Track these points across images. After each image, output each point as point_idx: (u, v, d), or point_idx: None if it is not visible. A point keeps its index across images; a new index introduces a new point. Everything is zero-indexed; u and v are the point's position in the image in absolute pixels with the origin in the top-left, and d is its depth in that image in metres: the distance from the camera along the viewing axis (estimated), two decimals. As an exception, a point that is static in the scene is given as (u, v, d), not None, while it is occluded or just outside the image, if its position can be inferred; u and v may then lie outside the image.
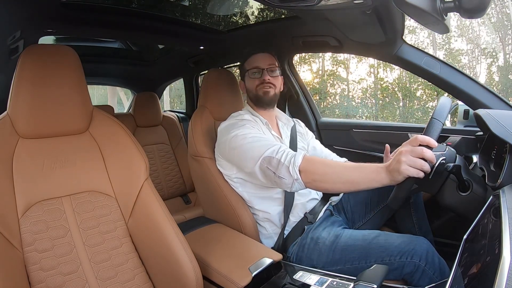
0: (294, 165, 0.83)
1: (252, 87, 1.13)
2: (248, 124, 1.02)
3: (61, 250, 0.73)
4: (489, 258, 0.47)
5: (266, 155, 0.89)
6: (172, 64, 2.23)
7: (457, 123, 1.36)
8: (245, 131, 0.97)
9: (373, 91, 7.66)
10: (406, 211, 1.12)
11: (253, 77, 1.12)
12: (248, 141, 0.94)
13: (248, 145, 0.93)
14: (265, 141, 0.93)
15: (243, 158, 0.95)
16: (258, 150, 0.91)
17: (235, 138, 0.97)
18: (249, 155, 0.92)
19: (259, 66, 1.11)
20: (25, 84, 0.73)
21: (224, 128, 1.05)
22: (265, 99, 1.12)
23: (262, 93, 1.11)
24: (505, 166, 0.71)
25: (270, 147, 0.90)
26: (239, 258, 0.88)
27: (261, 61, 1.12)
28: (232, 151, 0.98)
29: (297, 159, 0.84)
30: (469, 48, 6.96)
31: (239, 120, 1.06)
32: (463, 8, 0.57)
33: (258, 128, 1.04)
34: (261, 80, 1.11)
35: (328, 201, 1.19)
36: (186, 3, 1.42)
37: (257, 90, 1.12)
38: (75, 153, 0.80)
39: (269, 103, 1.13)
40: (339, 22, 1.09)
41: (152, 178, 0.92)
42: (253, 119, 1.09)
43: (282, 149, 0.88)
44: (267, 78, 1.11)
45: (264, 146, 0.91)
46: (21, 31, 1.16)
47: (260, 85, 1.11)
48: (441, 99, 0.87)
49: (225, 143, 1.01)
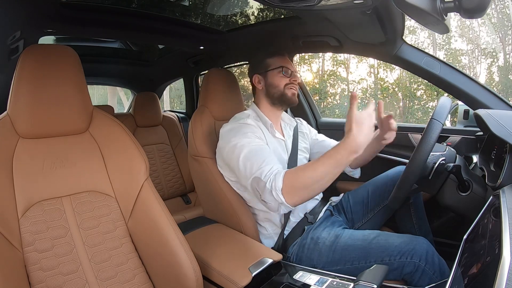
0: (276, 189, 0.81)
1: (279, 84, 1.10)
2: (250, 131, 0.99)
3: (61, 250, 0.73)
4: (489, 258, 0.47)
5: (256, 175, 0.87)
6: (172, 64, 2.23)
7: (457, 123, 1.37)
8: (244, 141, 0.95)
9: (373, 91, 7.66)
10: (406, 211, 1.13)
11: (283, 75, 1.11)
12: (245, 155, 0.92)
13: (244, 160, 0.92)
14: (260, 157, 0.90)
15: (239, 172, 0.94)
16: (251, 168, 0.89)
17: (234, 148, 0.95)
18: (244, 171, 0.91)
19: (289, 67, 1.12)
20: (25, 84, 0.73)
21: (225, 132, 1.03)
22: (292, 100, 1.11)
23: (291, 94, 1.10)
24: (505, 166, 0.71)
25: (262, 167, 0.87)
26: (239, 258, 0.88)
27: (289, 64, 1.13)
28: (231, 161, 0.97)
29: (278, 182, 0.81)
30: (469, 48, 6.96)
31: (242, 124, 1.03)
32: (463, 8, 0.57)
33: (258, 133, 1.02)
34: (291, 79, 1.10)
35: (328, 201, 1.19)
36: (186, 3, 1.42)
37: (285, 89, 1.10)
38: (75, 153, 0.80)
39: (293, 103, 1.13)
40: (339, 22, 1.09)
41: (152, 178, 0.92)
42: (255, 124, 1.06)
43: (271, 171, 0.85)
44: (298, 79, 1.12)
45: (257, 165, 0.88)
46: (21, 31, 1.16)
47: (290, 84, 1.10)
48: (441, 99, 0.87)
49: (225, 149, 1.00)
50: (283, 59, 1.13)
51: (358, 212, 1.17)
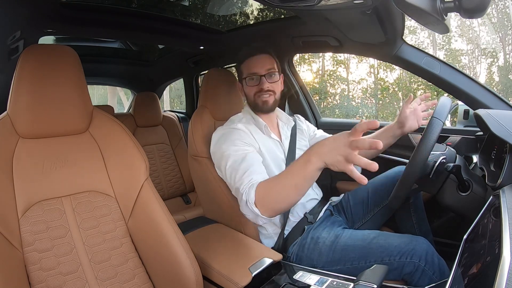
0: (249, 202, 0.80)
1: (250, 94, 1.09)
2: (238, 138, 0.99)
3: (61, 250, 0.73)
4: (489, 258, 0.47)
5: (236, 186, 0.88)
6: (172, 64, 2.23)
7: (457, 123, 1.36)
8: (230, 150, 0.95)
9: (373, 91, 7.66)
10: (406, 211, 1.13)
11: (251, 85, 1.07)
12: (230, 165, 0.93)
13: (230, 169, 0.93)
14: (243, 168, 0.90)
15: (226, 179, 0.98)
16: (235, 179, 0.90)
17: (222, 156, 0.97)
18: (229, 179, 0.94)
19: (257, 72, 1.05)
20: (25, 84, 0.73)
21: (216, 137, 1.04)
22: (264, 108, 1.08)
23: (261, 103, 1.07)
24: (505, 166, 0.71)
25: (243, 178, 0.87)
26: (239, 258, 0.88)
27: (259, 65, 1.06)
28: (220, 168, 1.00)
29: (251, 195, 0.80)
30: (469, 48, 6.96)
31: (232, 130, 1.02)
32: (463, 8, 0.57)
33: (247, 140, 1.01)
34: (259, 88, 1.06)
35: (328, 201, 1.19)
36: (186, 3, 1.42)
37: (256, 99, 1.08)
38: (75, 153, 0.80)
39: (267, 111, 1.10)
40: (339, 22, 1.09)
41: (152, 178, 0.92)
42: (246, 128, 1.05)
43: (250, 183, 0.84)
44: (266, 86, 1.05)
45: (239, 176, 0.88)
46: (21, 31, 1.16)
47: (259, 93, 1.06)
48: (441, 98, 0.87)
49: (216, 155, 1.02)
50: (253, 62, 1.06)
51: (358, 212, 1.16)
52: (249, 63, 1.07)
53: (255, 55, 1.07)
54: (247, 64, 1.08)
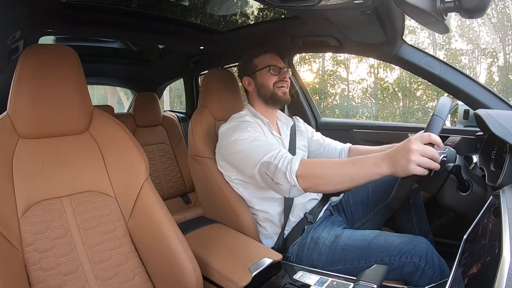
0: (291, 171, 0.81)
1: (268, 83, 1.10)
2: (250, 126, 1.00)
3: (61, 250, 0.73)
4: (489, 258, 0.47)
5: (264, 160, 0.87)
6: (172, 64, 2.23)
7: (457, 123, 1.36)
8: (245, 135, 0.95)
9: (373, 91, 7.66)
10: (406, 211, 1.13)
11: (273, 74, 1.09)
12: (248, 145, 0.93)
13: (248, 150, 0.92)
14: (265, 145, 0.92)
15: (243, 163, 0.94)
16: (257, 155, 0.89)
17: (235, 142, 0.95)
18: (249, 159, 0.91)
19: (277, 64, 1.10)
20: (25, 84, 0.73)
21: (225, 130, 1.03)
22: (282, 98, 1.10)
23: (282, 93, 1.10)
24: (505, 166, 0.71)
25: (270, 151, 0.88)
26: (239, 258, 0.88)
27: (276, 60, 1.11)
28: (232, 155, 0.97)
29: (294, 165, 0.82)
30: (469, 48, 6.96)
31: (240, 122, 1.03)
32: (463, 8, 0.57)
33: (259, 130, 1.03)
34: (280, 77, 1.09)
35: (328, 201, 1.19)
36: (186, 3, 1.42)
37: (275, 88, 1.09)
38: (75, 153, 0.80)
39: (284, 102, 1.12)
40: (339, 22, 1.09)
41: (152, 178, 0.92)
42: (254, 121, 1.07)
43: (281, 154, 0.86)
44: (287, 76, 1.10)
45: (263, 151, 0.89)
46: (21, 31, 1.16)
47: (279, 82, 1.09)
48: (441, 98, 0.87)
49: (226, 146, 1.00)
50: (270, 57, 1.12)
51: (358, 212, 1.17)
52: (265, 57, 1.12)
53: (270, 52, 1.13)
54: (264, 58, 1.12)
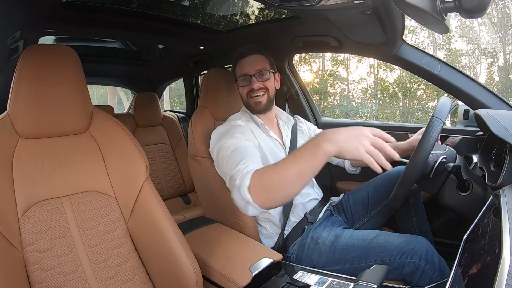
0: (243, 187, 0.72)
1: (242, 94, 1.10)
2: (238, 132, 0.98)
3: (61, 250, 0.73)
4: (489, 258, 0.47)
5: (231, 174, 0.80)
6: (172, 64, 2.23)
7: (457, 123, 1.36)
8: (229, 142, 0.93)
9: (373, 91, 7.66)
10: (406, 211, 1.13)
11: (243, 85, 1.08)
12: (228, 154, 0.88)
13: (226, 159, 0.88)
14: (240, 156, 0.85)
15: (221, 171, 0.94)
16: (230, 167, 0.83)
17: (220, 148, 0.94)
18: (225, 169, 0.88)
19: (247, 72, 1.07)
20: (25, 84, 0.73)
21: (216, 134, 1.03)
22: (256, 109, 1.09)
23: (254, 104, 1.08)
24: (505, 166, 0.71)
25: (240, 165, 0.81)
26: (239, 258, 0.88)
27: (249, 66, 1.07)
28: (216, 161, 0.97)
29: (246, 179, 0.73)
30: (469, 48, 6.96)
31: (232, 126, 1.02)
32: (463, 8, 0.57)
33: (247, 136, 1.00)
34: (250, 88, 1.07)
35: (328, 201, 1.19)
36: (186, 3, 1.42)
37: (248, 99, 1.09)
38: (75, 153, 0.80)
39: (261, 111, 1.10)
40: (339, 22, 1.09)
41: (152, 178, 0.92)
42: (246, 125, 1.05)
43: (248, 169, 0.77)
44: (256, 85, 1.06)
45: (235, 163, 0.82)
46: (21, 31, 1.16)
47: (250, 93, 1.07)
48: (441, 98, 0.87)
49: (213, 151, 1.00)
50: (245, 63, 1.07)
51: (358, 212, 1.17)
52: (240, 64, 1.10)
53: (246, 56, 1.09)
54: (239, 65, 1.10)
